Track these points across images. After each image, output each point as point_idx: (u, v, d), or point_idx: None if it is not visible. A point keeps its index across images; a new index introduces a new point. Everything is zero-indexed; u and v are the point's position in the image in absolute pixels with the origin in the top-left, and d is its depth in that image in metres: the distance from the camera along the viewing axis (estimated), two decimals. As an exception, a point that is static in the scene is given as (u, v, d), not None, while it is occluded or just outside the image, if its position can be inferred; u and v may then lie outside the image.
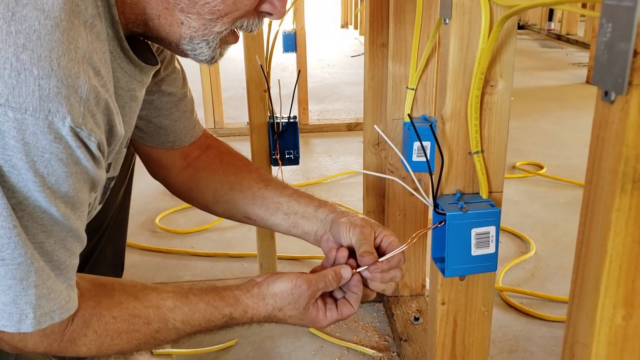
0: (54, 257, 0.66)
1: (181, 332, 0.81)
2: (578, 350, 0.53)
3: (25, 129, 0.58)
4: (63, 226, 0.66)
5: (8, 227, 0.60)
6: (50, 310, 0.67)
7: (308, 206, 0.98)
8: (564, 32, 5.97)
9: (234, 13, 0.73)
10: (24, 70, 0.57)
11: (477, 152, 0.82)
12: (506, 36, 0.79)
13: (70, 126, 0.60)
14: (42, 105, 0.58)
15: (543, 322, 1.43)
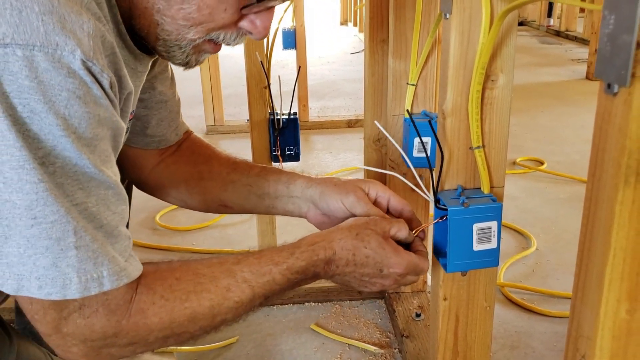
0: (103, 222, 0.61)
1: (254, 284, 0.72)
2: (582, 344, 0.53)
3: (37, 66, 0.54)
4: (100, 182, 0.61)
5: (34, 182, 0.56)
6: (99, 276, 0.61)
7: (278, 184, 0.95)
8: (563, 28, 5.96)
9: (209, 24, 0.70)
10: (25, 8, 0.54)
11: (478, 147, 0.82)
12: (507, 31, 0.79)
13: (82, 59, 0.57)
14: (49, 39, 0.55)
15: (544, 317, 1.43)
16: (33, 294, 0.59)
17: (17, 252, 0.58)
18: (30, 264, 0.58)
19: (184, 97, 4.19)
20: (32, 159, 0.56)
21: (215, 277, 0.71)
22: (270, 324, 1.44)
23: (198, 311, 0.69)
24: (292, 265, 0.75)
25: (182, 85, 3.99)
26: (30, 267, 0.58)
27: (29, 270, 0.58)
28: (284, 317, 1.46)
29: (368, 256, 0.78)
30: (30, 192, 0.56)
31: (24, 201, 0.56)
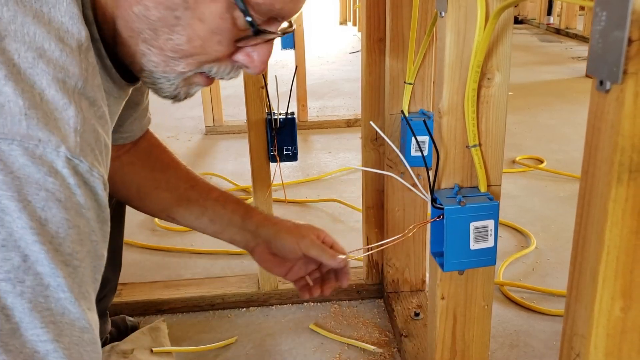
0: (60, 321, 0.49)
1: None
2: (577, 343, 0.53)
3: (14, 160, 0.47)
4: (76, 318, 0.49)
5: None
6: None
7: (234, 214, 0.98)
8: (563, 26, 5.96)
9: (200, 56, 0.64)
10: (7, 102, 0.48)
11: (474, 146, 0.82)
12: (502, 28, 0.78)
13: (67, 156, 0.49)
14: (31, 134, 0.48)
15: (544, 316, 1.43)
16: None
17: None
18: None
19: (183, 97, 4.09)
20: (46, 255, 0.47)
21: None
22: (269, 324, 1.43)
23: None
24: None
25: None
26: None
27: None
28: (283, 317, 1.46)
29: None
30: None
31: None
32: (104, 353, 1.22)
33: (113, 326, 1.32)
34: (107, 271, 1.26)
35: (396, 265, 1.45)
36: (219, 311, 1.48)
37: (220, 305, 1.49)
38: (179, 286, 1.52)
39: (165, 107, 3.96)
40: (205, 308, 1.48)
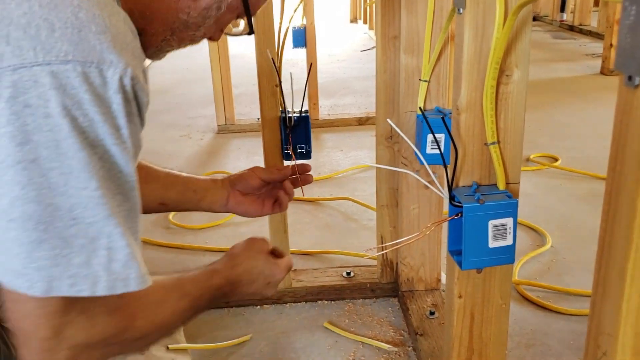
0: (134, 227, 0.66)
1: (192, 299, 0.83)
2: (603, 342, 0.52)
3: (93, 81, 0.59)
4: (135, 191, 0.65)
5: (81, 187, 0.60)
6: (127, 277, 0.64)
7: (205, 181, 1.14)
8: (576, 23, 5.91)
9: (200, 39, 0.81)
10: (83, 27, 0.59)
11: (493, 143, 0.81)
12: (521, 25, 0.78)
13: (131, 77, 0.61)
14: (104, 57, 0.59)
15: (561, 315, 1.42)
16: (64, 293, 0.61)
17: (51, 255, 0.60)
18: (65, 263, 0.60)
19: (195, 97, 4.24)
20: (85, 164, 0.59)
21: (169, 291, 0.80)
22: (284, 321, 1.43)
23: (165, 318, 0.77)
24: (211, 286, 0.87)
25: (193, 85, 4.01)
26: (64, 267, 0.60)
27: (62, 270, 0.60)
28: (297, 315, 1.46)
29: (260, 273, 0.95)
30: (75, 195, 0.59)
31: (67, 204, 0.59)
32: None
33: (128, 324, 1.32)
34: None
35: (411, 264, 1.44)
36: (233, 308, 1.48)
37: (234, 303, 1.49)
38: (193, 284, 1.52)
39: (178, 106, 3.99)
40: (219, 305, 1.49)
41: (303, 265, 1.66)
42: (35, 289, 0.60)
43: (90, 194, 0.60)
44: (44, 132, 0.58)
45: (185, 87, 3.92)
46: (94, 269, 0.62)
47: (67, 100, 0.58)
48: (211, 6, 0.77)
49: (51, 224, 0.59)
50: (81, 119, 0.59)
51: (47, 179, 0.59)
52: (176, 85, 3.96)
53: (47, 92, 0.57)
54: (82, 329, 0.65)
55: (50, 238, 0.59)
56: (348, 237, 1.86)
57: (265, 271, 0.95)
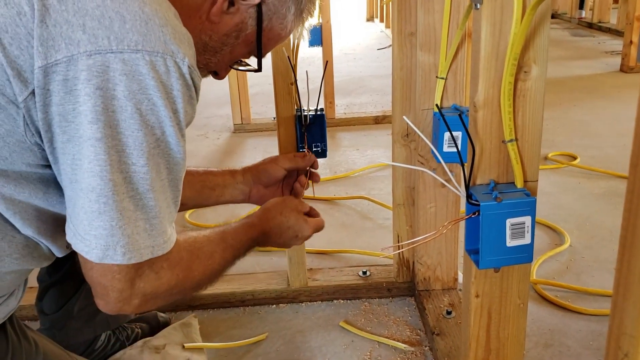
0: (175, 197, 0.75)
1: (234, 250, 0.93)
2: (625, 342, 0.51)
3: (158, 69, 0.66)
4: (182, 166, 0.74)
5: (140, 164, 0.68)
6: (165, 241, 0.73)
7: (224, 176, 1.18)
8: (595, 20, 5.84)
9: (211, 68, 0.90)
10: (149, 20, 0.66)
11: (511, 141, 0.80)
12: (540, 20, 0.76)
13: (188, 65, 0.69)
14: (167, 48, 0.67)
15: (579, 315, 1.40)
16: (116, 260, 0.69)
17: (109, 226, 0.68)
18: (119, 234, 0.68)
19: (211, 96, 4.27)
20: (145, 142, 0.68)
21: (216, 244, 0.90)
22: (300, 320, 1.43)
23: (214, 267, 0.87)
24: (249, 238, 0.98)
25: (210, 85, 4.01)
26: (118, 237, 0.68)
27: (116, 240, 0.68)
28: (313, 314, 1.45)
29: (289, 227, 1.05)
30: (126, 171, 0.67)
31: (120, 178, 0.67)
32: (136, 348, 1.23)
33: (145, 322, 1.33)
34: None
35: (427, 263, 1.43)
36: (249, 307, 1.48)
37: (250, 302, 1.49)
38: (209, 283, 1.53)
39: (194, 105, 3.93)
40: (235, 304, 1.49)
41: (319, 265, 1.66)
42: (92, 254, 0.69)
43: (138, 170, 0.68)
44: (109, 113, 0.65)
45: (201, 87, 3.93)
46: (141, 239, 0.70)
47: (134, 85, 0.65)
48: (230, 34, 0.84)
49: (110, 197, 0.67)
50: (145, 103, 0.66)
51: (108, 156, 0.66)
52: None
53: (117, 77, 0.65)
54: (150, 281, 0.75)
55: (109, 210, 0.67)
56: (364, 236, 1.85)
57: (295, 227, 1.05)
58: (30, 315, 1.38)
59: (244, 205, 1.84)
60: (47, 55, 0.64)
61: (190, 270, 0.81)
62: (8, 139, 0.68)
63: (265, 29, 0.86)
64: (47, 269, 1.14)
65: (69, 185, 0.69)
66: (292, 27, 0.90)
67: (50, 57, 0.64)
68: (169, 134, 0.70)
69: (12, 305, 0.83)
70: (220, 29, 0.83)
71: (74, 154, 0.66)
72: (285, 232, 1.04)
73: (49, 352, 0.90)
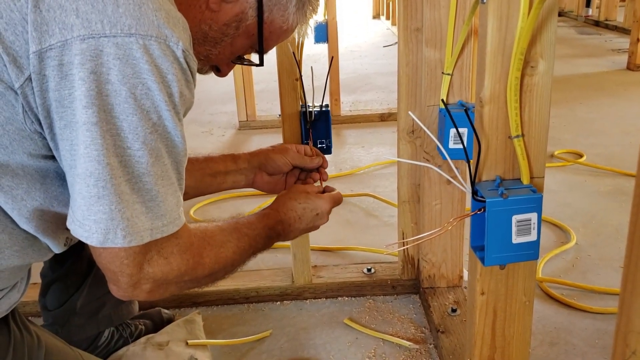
0: (177, 179, 0.74)
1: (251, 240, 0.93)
2: (632, 340, 0.50)
3: (152, 52, 0.66)
4: (180, 149, 0.73)
5: (137, 147, 0.67)
6: (170, 222, 0.73)
7: (225, 162, 1.16)
8: (602, 18, 5.81)
9: (213, 62, 0.89)
10: (142, 4, 0.66)
11: (517, 136, 0.79)
12: (547, 15, 0.76)
13: (183, 49, 0.69)
14: (161, 32, 0.67)
15: (585, 313, 1.39)
16: (117, 243, 0.69)
17: (108, 209, 0.67)
18: (118, 217, 0.68)
19: (217, 93, 4.26)
20: (140, 126, 0.67)
21: (229, 233, 0.89)
22: (304, 317, 1.43)
23: (228, 256, 0.86)
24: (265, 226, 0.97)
25: (215, 82, 4.00)
26: (118, 221, 0.68)
27: (116, 223, 0.68)
28: (317, 311, 1.45)
29: (305, 208, 1.03)
30: (122, 154, 0.67)
31: (117, 162, 0.67)
32: (139, 345, 1.23)
33: (148, 319, 1.33)
34: None
35: (432, 261, 1.42)
36: (253, 304, 1.48)
37: (254, 299, 1.48)
38: (213, 279, 1.53)
39: (200, 102, 4.01)
40: (239, 301, 1.48)
41: (323, 262, 1.65)
42: (93, 239, 0.69)
43: (133, 154, 0.68)
44: (103, 97, 0.65)
45: (206, 84, 3.93)
46: (140, 222, 0.70)
47: (128, 69, 0.65)
48: (230, 24, 0.84)
49: (108, 181, 0.67)
50: (139, 87, 0.66)
51: (104, 140, 0.66)
52: (198, 82, 3.95)
53: (110, 61, 0.64)
54: (160, 266, 0.75)
55: (107, 194, 0.67)
56: (369, 234, 1.84)
57: (310, 205, 1.03)
58: (34, 312, 1.38)
59: (249, 203, 1.84)
60: (41, 40, 0.64)
61: (201, 257, 0.81)
62: (8, 126, 0.68)
63: (267, 21, 0.86)
64: (50, 264, 1.14)
65: (69, 172, 0.69)
66: (294, 21, 0.89)
67: (44, 42, 0.64)
68: (166, 118, 0.69)
69: (14, 298, 0.82)
70: (220, 18, 0.82)
71: (72, 140, 0.66)
72: (303, 214, 1.03)
73: (51, 345, 0.89)
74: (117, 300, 1.21)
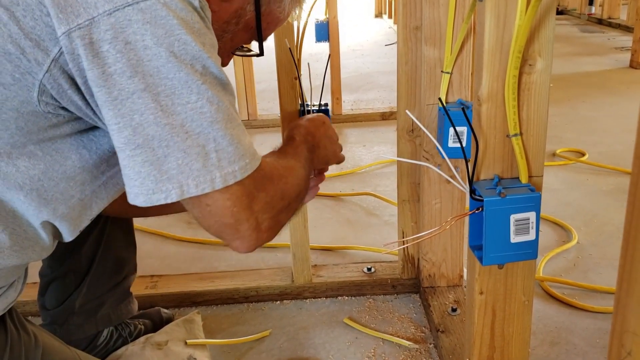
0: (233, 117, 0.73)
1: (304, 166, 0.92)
2: (628, 340, 0.50)
3: (175, 8, 0.67)
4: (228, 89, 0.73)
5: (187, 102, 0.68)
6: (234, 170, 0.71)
7: None
8: (605, 16, 5.79)
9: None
10: None
11: (515, 135, 0.79)
12: (545, 12, 0.75)
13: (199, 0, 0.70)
14: None
15: (586, 313, 1.38)
16: (192, 193, 0.69)
17: (176, 165, 0.68)
18: (187, 170, 0.69)
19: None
20: (190, 80, 0.68)
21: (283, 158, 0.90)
22: (303, 317, 1.42)
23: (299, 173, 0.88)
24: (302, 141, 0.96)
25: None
26: (187, 173, 0.69)
27: (186, 176, 0.69)
28: (317, 310, 1.44)
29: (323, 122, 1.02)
30: (181, 112, 0.68)
31: (178, 120, 0.68)
32: (138, 345, 1.23)
33: (148, 318, 1.32)
34: (123, 252, 1.28)
35: (432, 260, 1.42)
36: (252, 304, 1.48)
37: (254, 298, 1.48)
38: (213, 278, 1.53)
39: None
40: (239, 300, 1.48)
41: (324, 261, 1.65)
42: (173, 195, 0.69)
43: (193, 107, 0.68)
44: (145, 62, 0.66)
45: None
46: (209, 170, 0.69)
47: (159, 31, 0.66)
48: (230, 21, 0.85)
49: (171, 139, 0.67)
50: (176, 44, 0.66)
51: (158, 103, 0.66)
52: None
53: (141, 28, 0.65)
54: (263, 199, 0.76)
55: (173, 152, 0.68)
56: (369, 233, 1.84)
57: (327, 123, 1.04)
58: (34, 311, 1.38)
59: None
60: (68, 21, 0.65)
61: (285, 178, 0.83)
62: (22, 109, 0.70)
63: (264, 14, 0.87)
64: (49, 263, 1.14)
65: (126, 147, 0.68)
66: (290, 8, 0.91)
67: (72, 22, 0.65)
68: (209, 65, 0.70)
69: (11, 298, 0.82)
70: (221, 16, 0.83)
71: (123, 114, 0.67)
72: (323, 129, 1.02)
73: (48, 345, 0.89)
74: (116, 300, 1.21)
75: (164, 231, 1.87)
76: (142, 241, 1.80)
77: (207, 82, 0.69)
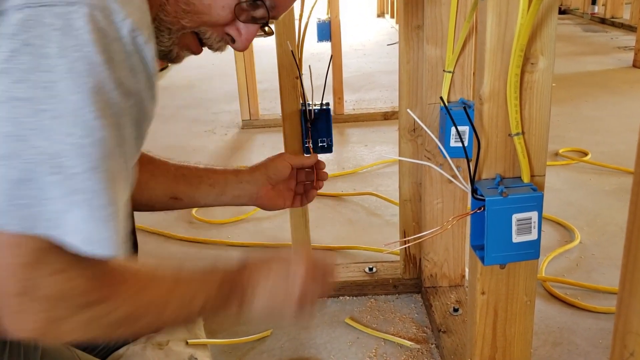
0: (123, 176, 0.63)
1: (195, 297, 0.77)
2: (630, 341, 0.49)
3: (99, 22, 0.58)
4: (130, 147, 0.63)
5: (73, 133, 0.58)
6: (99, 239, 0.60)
7: (226, 174, 1.08)
8: (608, 16, 5.78)
9: (204, 16, 0.77)
10: None
11: (517, 134, 0.78)
12: (547, 10, 0.74)
13: (131, 28, 0.60)
14: (106, 5, 0.59)
15: (589, 313, 1.38)
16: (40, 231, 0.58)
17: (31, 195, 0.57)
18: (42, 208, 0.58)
19: (220, 92, 4.25)
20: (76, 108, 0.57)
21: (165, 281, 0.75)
22: (305, 317, 1.42)
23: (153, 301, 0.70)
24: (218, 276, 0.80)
25: (218, 80, 4.01)
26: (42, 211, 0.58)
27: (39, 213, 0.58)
28: (318, 310, 1.44)
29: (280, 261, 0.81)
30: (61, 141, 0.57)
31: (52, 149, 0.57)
32: (139, 345, 1.23)
33: (149, 318, 1.31)
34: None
35: (434, 260, 1.41)
36: (254, 304, 1.47)
37: (255, 298, 1.48)
38: (214, 278, 1.52)
39: (203, 101, 4.01)
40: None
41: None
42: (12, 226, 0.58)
43: (75, 142, 0.57)
44: (40, 72, 0.57)
45: (210, 83, 3.93)
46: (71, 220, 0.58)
47: (68, 41, 0.57)
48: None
49: (36, 166, 0.57)
50: (81, 61, 0.58)
51: (37, 120, 0.57)
52: (202, 81, 3.97)
53: (49, 33, 0.57)
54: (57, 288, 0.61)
55: (32, 180, 0.57)
56: (371, 233, 1.84)
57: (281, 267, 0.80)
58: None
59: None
60: None
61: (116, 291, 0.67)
62: None
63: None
64: None
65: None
66: None
67: None
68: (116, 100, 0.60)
69: None
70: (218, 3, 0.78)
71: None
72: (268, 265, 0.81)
73: (47, 346, 0.89)
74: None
75: (165, 231, 1.87)
76: (144, 241, 1.80)
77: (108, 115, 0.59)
